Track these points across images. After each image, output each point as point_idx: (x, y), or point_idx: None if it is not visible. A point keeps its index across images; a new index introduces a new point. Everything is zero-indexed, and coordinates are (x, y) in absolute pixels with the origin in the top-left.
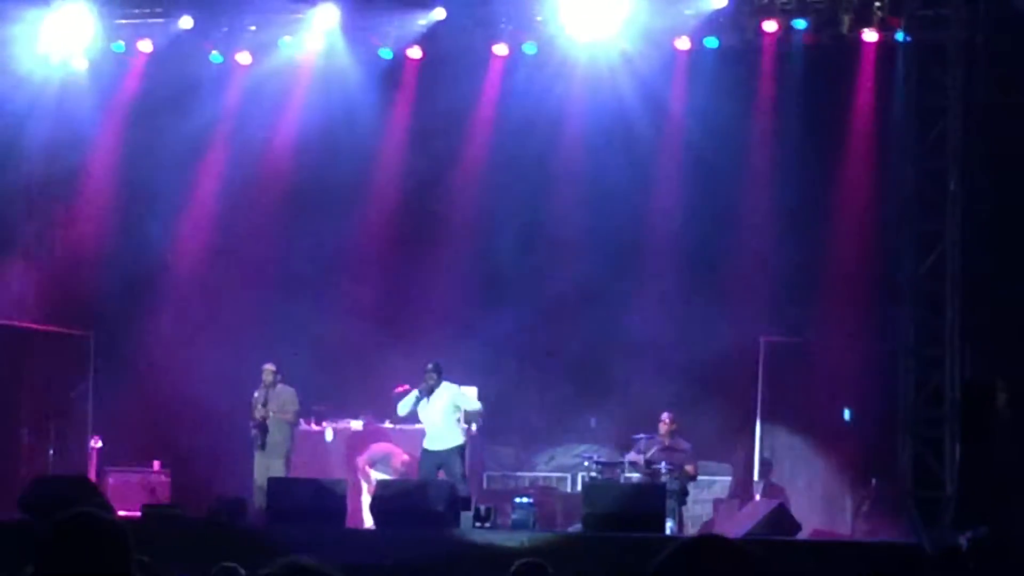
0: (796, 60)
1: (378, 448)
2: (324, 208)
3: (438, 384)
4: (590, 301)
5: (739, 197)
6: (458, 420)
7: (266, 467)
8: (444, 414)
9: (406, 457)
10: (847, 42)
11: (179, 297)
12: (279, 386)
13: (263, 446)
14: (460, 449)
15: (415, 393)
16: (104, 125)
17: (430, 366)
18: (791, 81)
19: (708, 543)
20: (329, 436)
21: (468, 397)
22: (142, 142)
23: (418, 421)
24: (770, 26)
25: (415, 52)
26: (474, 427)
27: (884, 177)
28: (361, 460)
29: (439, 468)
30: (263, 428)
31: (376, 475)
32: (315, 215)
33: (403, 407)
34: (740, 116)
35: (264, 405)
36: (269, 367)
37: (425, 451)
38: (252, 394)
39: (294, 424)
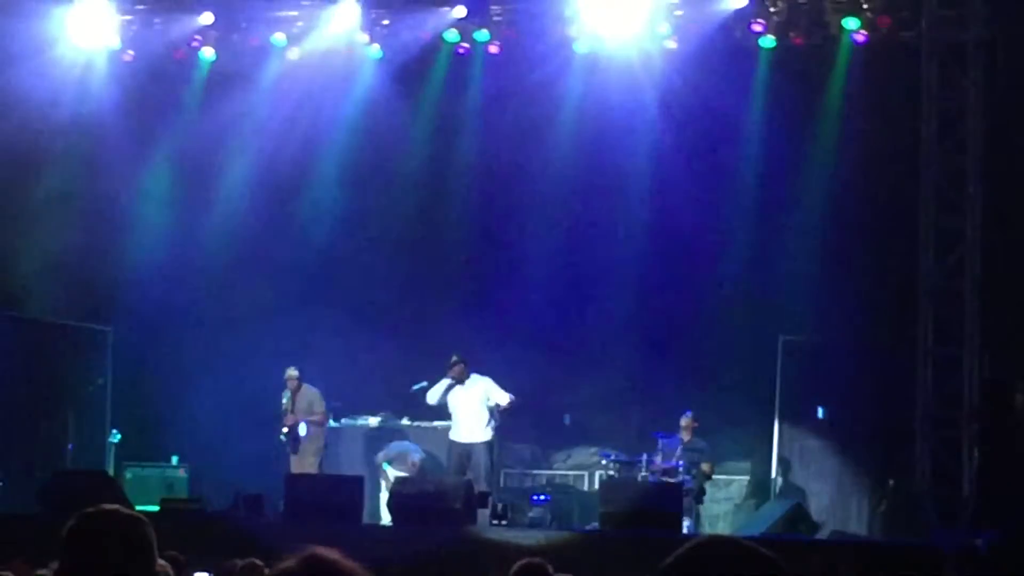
0: (817, 58)
1: (394, 446)
2: (341, 205)
3: (468, 375)
4: (608, 300)
5: (759, 195)
6: (490, 415)
7: (300, 465)
8: (478, 405)
9: (421, 455)
10: (869, 42)
11: (198, 292)
12: (304, 387)
13: (295, 451)
14: (488, 444)
15: (446, 382)
16: (123, 119)
17: (454, 358)
18: (811, 79)
19: (718, 543)
20: (302, 430)
21: (501, 393)
22: (160, 136)
23: (439, 417)
24: (793, 26)
25: (433, 49)
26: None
27: (906, 177)
28: (379, 458)
29: (468, 459)
30: (294, 434)
31: (392, 472)
32: (332, 212)
33: (433, 395)
34: (759, 114)
35: (292, 411)
36: (292, 372)
37: (453, 442)
38: (269, 390)
39: (323, 424)
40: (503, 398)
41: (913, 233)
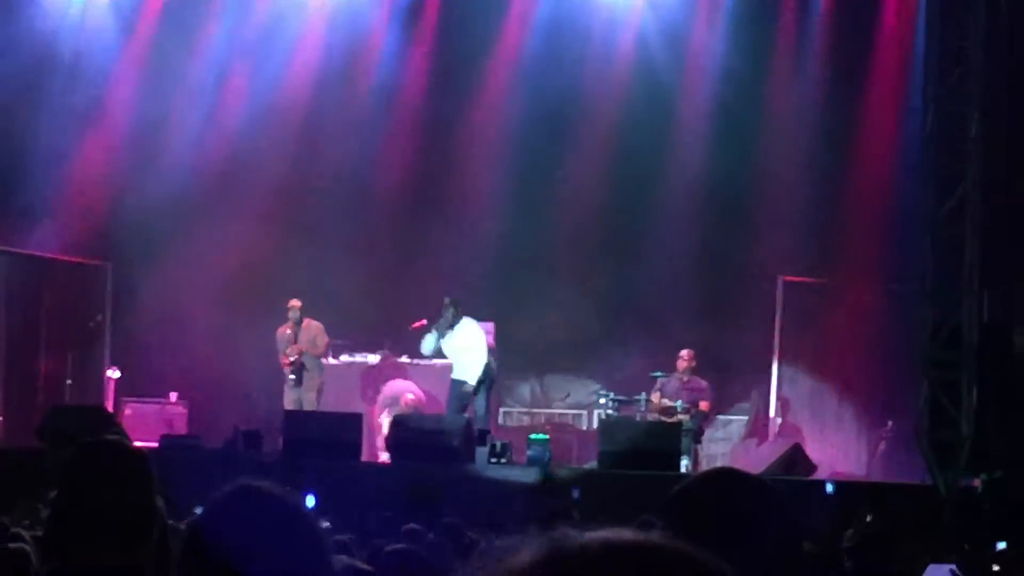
0: None
1: (388, 390)
2: (342, 140)
3: (458, 319)
4: (609, 238)
5: (761, 136)
6: (485, 353)
7: (297, 400)
8: (469, 348)
9: (415, 394)
10: None
11: (197, 227)
12: (306, 321)
13: (299, 383)
14: (486, 383)
15: (435, 334)
16: (123, 56)
17: (447, 300)
18: (816, 20)
19: (727, 474)
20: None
21: (482, 349)
22: (161, 72)
23: (439, 355)
24: None
25: None
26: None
27: (907, 118)
28: (380, 418)
29: (468, 396)
30: (299, 366)
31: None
32: (333, 147)
33: (426, 347)
34: (764, 55)
35: (295, 343)
36: (295, 303)
37: (453, 380)
38: (273, 329)
39: (325, 357)
40: (472, 372)
41: (915, 175)
